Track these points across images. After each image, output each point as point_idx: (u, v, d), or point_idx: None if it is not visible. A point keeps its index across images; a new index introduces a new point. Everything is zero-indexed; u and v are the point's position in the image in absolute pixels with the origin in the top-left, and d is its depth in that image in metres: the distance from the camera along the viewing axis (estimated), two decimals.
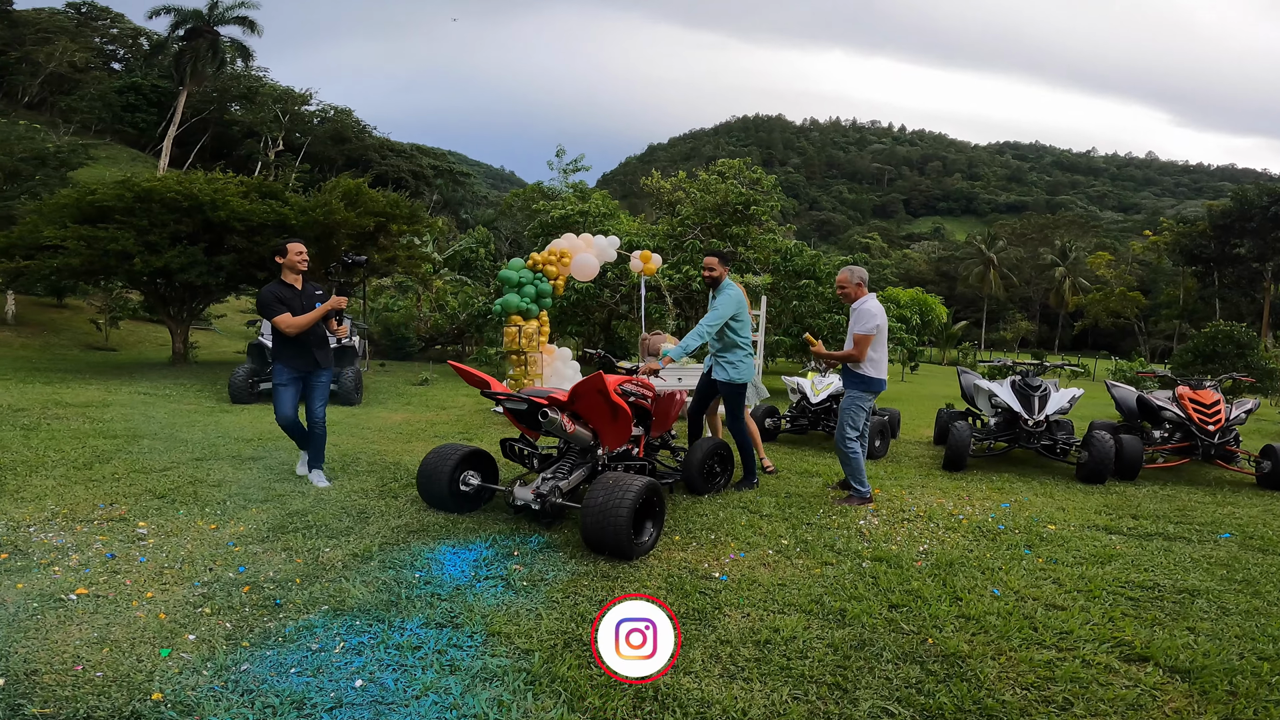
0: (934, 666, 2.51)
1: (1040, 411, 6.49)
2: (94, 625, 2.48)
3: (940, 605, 3.05)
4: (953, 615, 2.96)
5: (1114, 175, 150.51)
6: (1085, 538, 4.24)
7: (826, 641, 2.65)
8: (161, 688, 2.11)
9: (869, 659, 2.54)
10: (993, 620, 2.90)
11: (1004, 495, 5.42)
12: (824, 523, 4.31)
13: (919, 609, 3.00)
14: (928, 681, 2.40)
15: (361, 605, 2.74)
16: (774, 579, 3.26)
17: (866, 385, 4.84)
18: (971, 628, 2.84)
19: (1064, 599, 3.18)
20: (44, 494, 4.18)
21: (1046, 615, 2.98)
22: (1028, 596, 3.20)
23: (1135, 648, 2.68)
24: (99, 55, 44.67)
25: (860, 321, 4.74)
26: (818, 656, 2.53)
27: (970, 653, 2.61)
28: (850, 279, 4.90)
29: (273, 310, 4.46)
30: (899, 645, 2.66)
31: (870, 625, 2.81)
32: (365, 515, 4.01)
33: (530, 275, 8.97)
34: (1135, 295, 51.26)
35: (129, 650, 2.33)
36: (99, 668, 2.20)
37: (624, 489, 3.35)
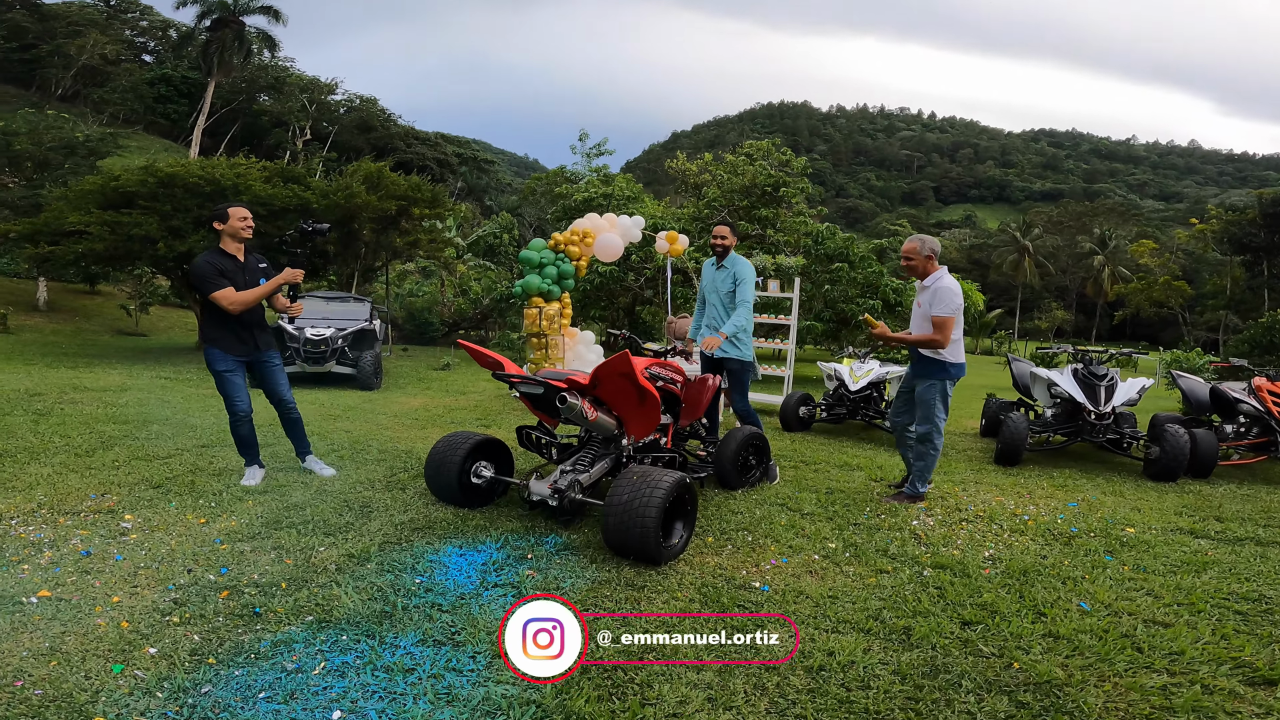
0: (1025, 697, 2.13)
1: (1107, 403, 5.94)
2: (48, 634, 2.18)
3: (1021, 622, 2.64)
4: (1038, 634, 2.56)
5: (1155, 164, 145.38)
6: (1171, 542, 3.79)
7: (891, 667, 2.25)
8: (105, 710, 1.79)
9: (945, 689, 2.15)
10: (1087, 640, 2.51)
11: (1069, 494, 4.92)
12: (873, 523, 3.88)
13: (997, 626, 2.59)
14: (1020, 716, 2.03)
15: (351, 616, 2.39)
16: (823, 590, 2.85)
17: (948, 371, 4.27)
18: (1063, 649, 2.45)
19: (1164, 614, 2.79)
20: (36, 483, 3.93)
21: (1149, 633, 2.60)
22: (1121, 611, 2.80)
23: (1259, 669, 2.32)
24: (129, 47, 45.28)
25: (941, 302, 4.13)
26: (883, 686, 2.13)
27: (1067, 679, 2.24)
28: (920, 249, 4.28)
29: (211, 285, 3.83)
30: (979, 671, 2.26)
31: (942, 647, 2.40)
32: (368, 509, 3.68)
33: (552, 256, 8.61)
34: (1180, 284, 49.28)
35: (79, 664, 2.01)
36: (40, 684, 1.89)
37: (653, 485, 2.95)
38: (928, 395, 4.29)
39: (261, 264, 4.10)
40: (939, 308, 4.11)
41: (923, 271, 4.28)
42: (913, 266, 4.32)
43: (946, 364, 4.25)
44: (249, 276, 3.99)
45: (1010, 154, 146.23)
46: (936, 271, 4.26)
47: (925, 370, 4.30)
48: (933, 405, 4.27)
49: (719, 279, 4.82)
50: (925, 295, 4.23)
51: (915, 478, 4.42)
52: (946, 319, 4.11)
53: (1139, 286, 51.71)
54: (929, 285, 4.22)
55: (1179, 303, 49.23)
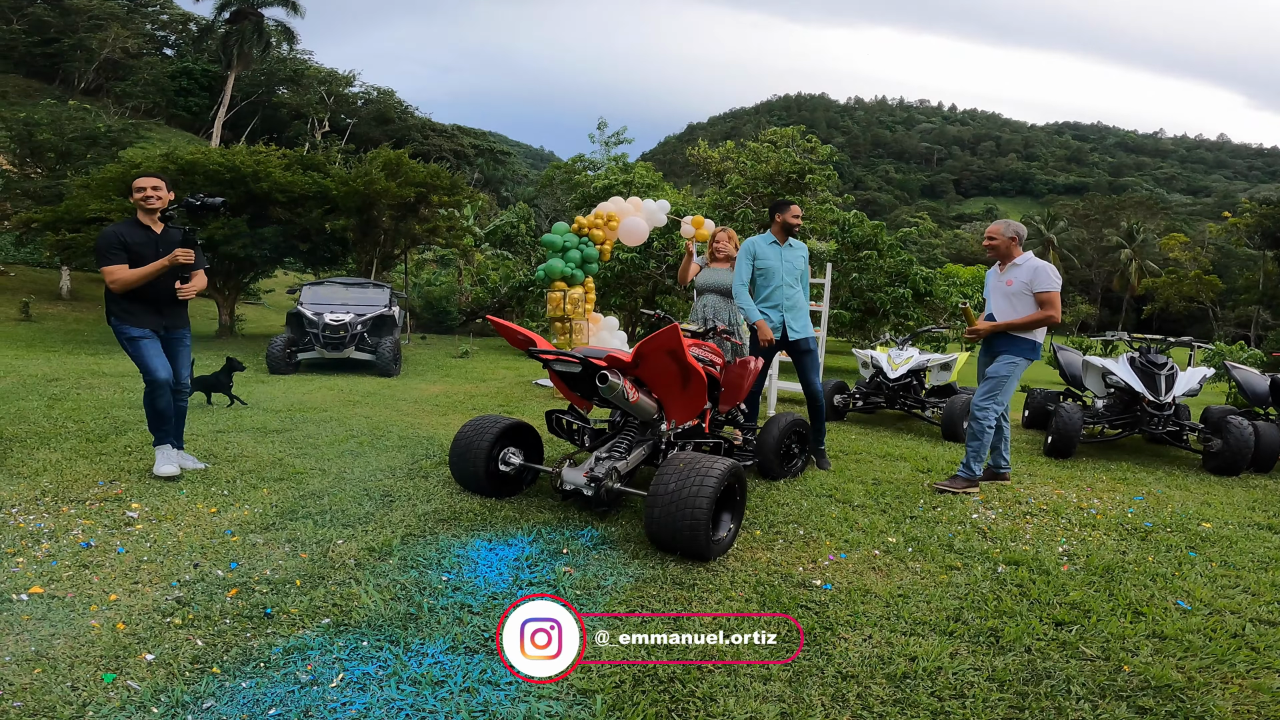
0: (1146, 702, 1.91)
1: (1168, 392, 5.58)
2: (35, 636, 1.95)
3: (1120, 622, 2.39)
4: (1142, 634, 2.32)
5: (1183, 157, 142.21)
6: (1254, 538, 3.53)
7: (985, 674, 1.98)
8: None
9: (1053, 696, 1.89)
10: (1196, 640, 2.29)
11: (1131, 487, 4.60)
12: (930, 516, 3.59)
13: (1094, 627, 2.34)
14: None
15: (372, 619, 2.13)
16: (890, 588, 2.56)
17: (1036, 350, 4.27)
18: (1174, 650, 2.23)
19: (1270, 612, 2.56)
20: (44, 469, 3.74)
21: (1259, 632, 2.38)
22: (1224, 610, 2.57)
23: None
24: (150, 41, 45.56)
25: (1045, 279, 4.10)
26: (980, 695, 1.86)
27: (1187, 682, 2.02)
28: (1004, 231, 4.30)
29: (103, 258, 3.57)
30: (1087, 676, 2.02)
31: (1039, 650, 2.14)
32: (390, 498, 3.44)
33: (575, 240, 8.35)
34: (1211, 279, 48.10)
35: (66, 673, 1.78)
36: (20, 694, 1.66)
37: (703, 473, 2.68)
38: (1007, 371, 4.18)
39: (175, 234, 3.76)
40: (1045, 284, 4.10)
41: (1007, 253, 4.28)
42: (995, 247, 4.32)
43: (1036, 343, 4.25)
44: (164, 249, 3.65)
45: (1033, 147, 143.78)
46: (1024, 253, 4.28)
47: (1014, 348, 4.21)
48: (1009, 382, 4.20)
49: (792, 258, 4.59)
50: (1017, 273, 4.20)
51: (971, 458, 4.19)
52: (1054, 293, 4.13)
53: (1168, 280, 50.53)
54: (1020, 264, 4.22)
55: (1209, 297, 48.09)
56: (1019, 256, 4.25)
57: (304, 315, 9.29)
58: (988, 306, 4.45)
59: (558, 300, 7.93)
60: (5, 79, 37.00)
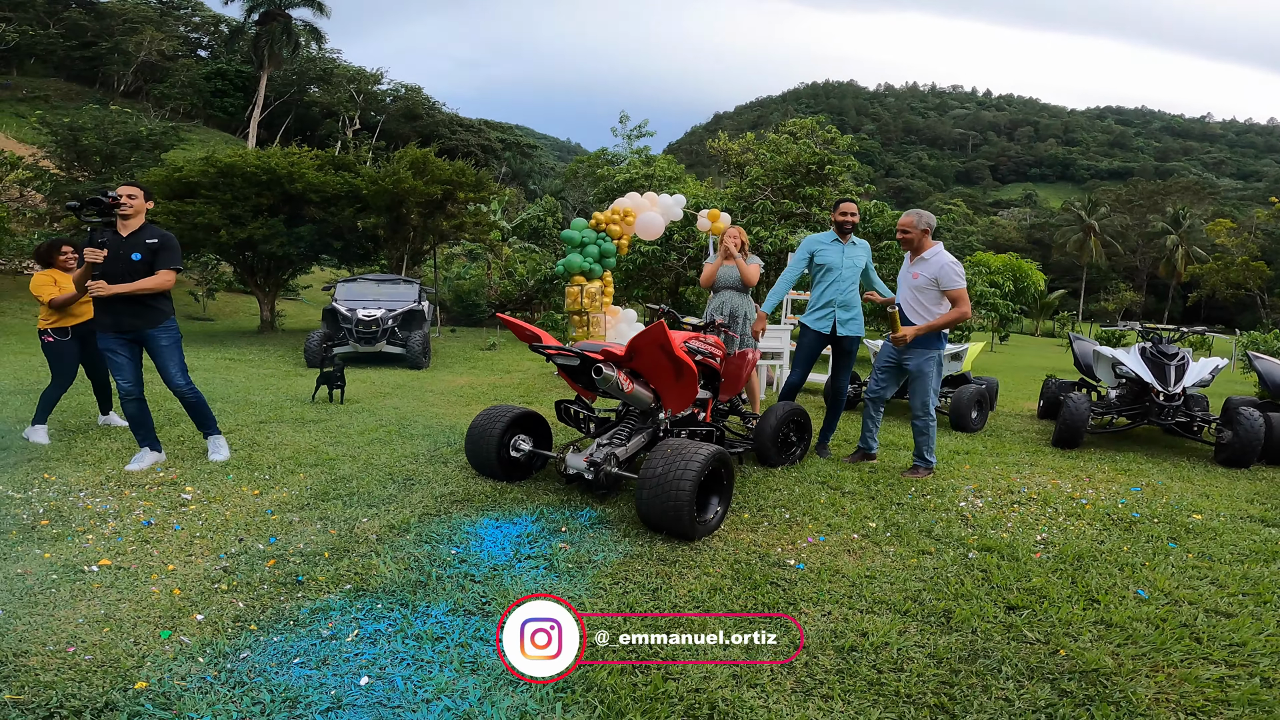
0: (1069, 685, 2.03)
1: (1177, 383, 5.60)
2: (104, 601, 2.29)
3: (1072, 608, 2.52)
4: (1089, 621, 2.45)
5: (1232, 141, 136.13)
6: (1240, 530, 3.59)
7: (928, 650, 2.17)
8: (149, 675, 1.87)
9: (983, 674, 2.06)
10: (1142, 628, 2.40)
11: (1132, 478, 4.68)
12: (917, 503, 3.76)
13: (1045, 612, 2.48)
14: (1062, 705, 1.93)
15: (387, 585, 2.44)
16: (860, 569, 2.77)
17: (943, 343, 4.44)
18: (1115, 637, 2.34)
19: (1229, 604, 2.65)
20: (106, 457, 4.15)
21: (1209, 623, 2.48)
22: (1182, 600, 2.66)
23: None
24: (185, 43, 47.04)
25: (950, 276, 4.16)
26: (917, 670, 2.06)
27: (1116, 668, 2.14)
28: (917, 223, 4.30)
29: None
30: (1022, 658, 2.17)
31: (984, 631, 2.31)
32: (411, 482, 3.76)
33: (593, 235, 8.60)
34: (1259, 265, 46.25)
35: (129, 630, 2.11)
36: (91, 650, 1.98)
37: (687, 458, 2.92)
38: (928, 368, 4.33)
39: (151, 240, 3.86)
40: (951, 281, 4.18)
41: (919, 245, 4.33)
42: (909, 240, 4.35)
43: (944, 336, 4.40)
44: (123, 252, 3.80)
45: (1074, 132, 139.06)
46: (934, 246, 4.30)
47: (931, 343, 4.33)
48: (932, 377, 4.35)
49: (854, 255, 4.70)
50: (924, 268, 4.27)
51: (924, 450, 4.42)
52: (962, 289, 4.20)
53: (1214, 267, 48.81)
54: (928, 259, 4.27)
55: (1257, 284, 46.30)
56: (928, 250, 4.28)
57: (339, 311, 9.73)
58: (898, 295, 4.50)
59: (576, 294, 8.20)
60: (47, 83, 38.56)
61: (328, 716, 1.73)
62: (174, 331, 4.06)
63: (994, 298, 13.38)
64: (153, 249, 3.87)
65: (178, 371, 4.03)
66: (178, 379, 4.03)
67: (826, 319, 4.64)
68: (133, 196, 3.87)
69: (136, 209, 3.88)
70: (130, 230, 3.86)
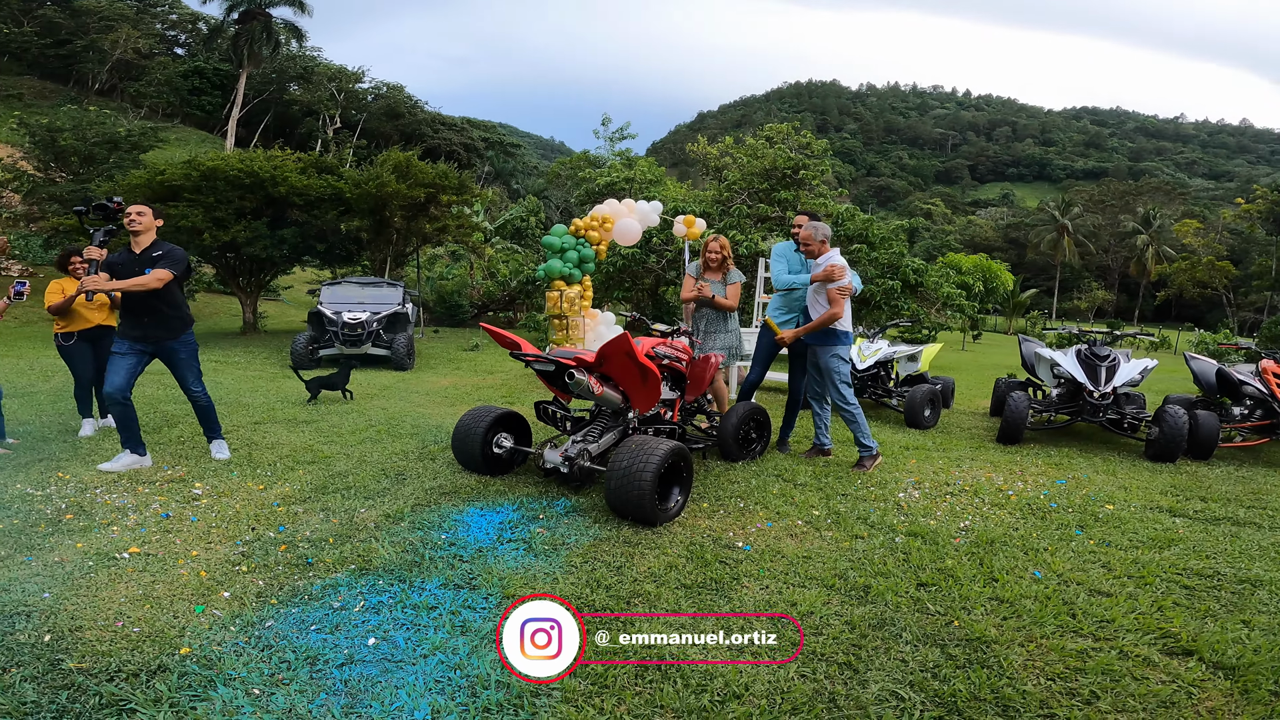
0: (955, 651, 2.38)
1: (1107, 383, 6.09)
2: (140, 583, 2.63)
3: (973, 586, 2.90)
4: (985, 597, 2.80)
5: (1204, 142, 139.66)
6: (1145, 520, 3.96)
7: (845, 619, 2.56)
8: (190, 643, 2.22)
9: (887, 639, 2.44)
10: (1028, 604, 2.74)
11: (1061, 471, 5.13)
12: (861, 494, 4.19)
13: (949, 589, 2.87)
14: (946, 666, 2.28)
15: (386, 565, 2.82)
16: (799, 551, 3.19)
17: (846, 338, 4.84)
18: (1003, 611, 2.69)
19: (1111, 585, 2.98)
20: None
21: (1088, 601, 2.80)
22: (1072, 580, 3.01)
23: (1181, 640, 2.50)
24: (162, 41, 46.45)
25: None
26: (832, 634, 2.45)
27: (997, 638, 2.47)
28: (815, 235, 4.75)
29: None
30: (921, 626, 2.54)
31: (894, 604, 2.70)
32: (402, 477, 4.12)
33: (573, 241, 8.96)
34: (1224, 265, 47.75)
35: (167, 607, 2.45)
36: (137, 623, 2.33)
37: (649, 453, 3.32)
38: (834, 364, 4.76)
39: (157, 254, 4.08)
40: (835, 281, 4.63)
41: (818, 252, 4.78)
42: (810, 250, 4.79)
43: (846, 332, 4.81)
44: (136, 268, 4.03)
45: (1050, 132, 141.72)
46: (829, 252, 4.77)
47: (827, 340, 4.76)
48: (839, 371, 4.77)
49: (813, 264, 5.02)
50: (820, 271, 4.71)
51: (860, 436, 4.86)
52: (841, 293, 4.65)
53: (1182, 266, 50.22)
54: (822, 264, 4.71)
55: (1223, 283, 47.74)
56: (825, 255, 4.74)
57: (324, 314, 10.00)
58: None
59: (555, 299, 8.56)
60: (20, 81, 37.91)
61: (343, 670, 2.10)
62: (192, 343, 4.39)
63: (959, 299, 13.94)
64: (157, 260, 4.08)
65: (195, 380, 4.38)
66: (194, 386, 4.37)
67: (788, 324, 5.07)
68: (142, 214, 4.12)
69: (146, 226, 4.14)
70: (143, 247, 4.13)
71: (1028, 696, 2.12)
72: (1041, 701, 2.10)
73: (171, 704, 1.92)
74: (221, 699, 1.94)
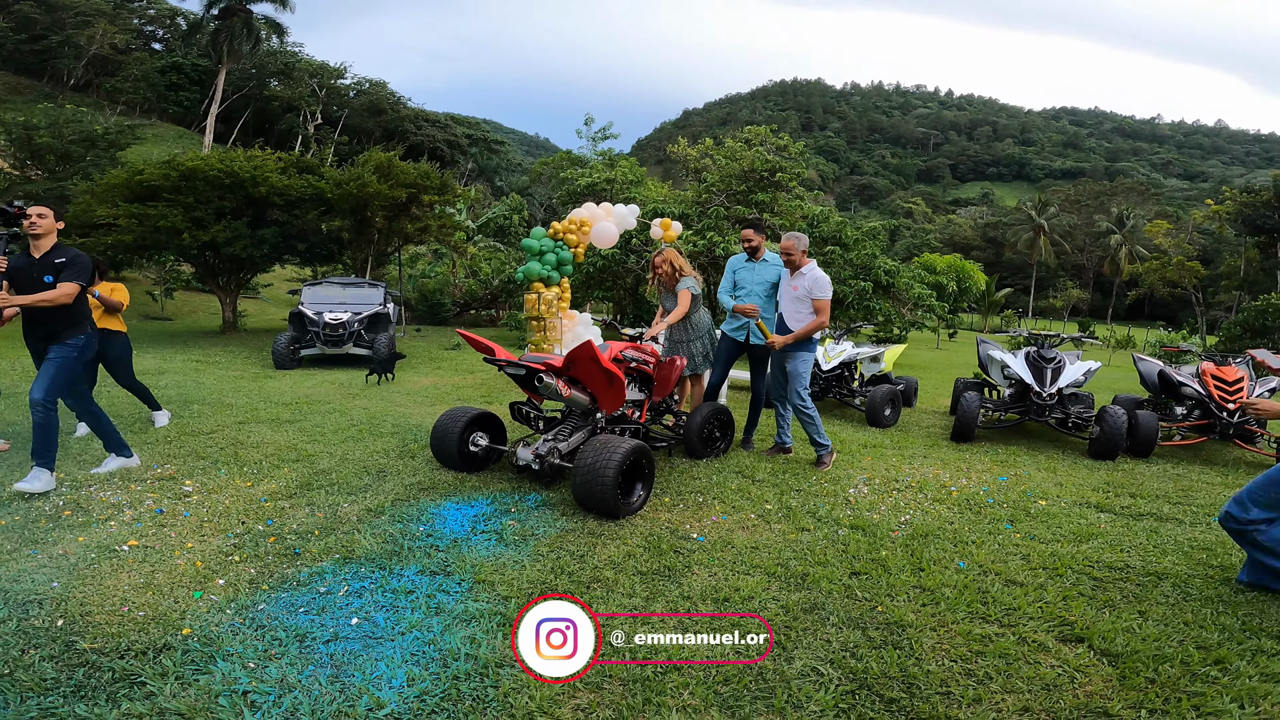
0: (874, 633, 2.59)
1: (1052, 384, 6.47)
2: (141, 572, 2.87)
3: (901, 575, 3.10)
4: (910, 586, 3.00)
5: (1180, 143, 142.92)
6: (1072, 515, 4.20)
7: (781, 602, 2.82)
8: (191, 624, 2.47)
9: (815, 622, 2.66)
10: (947, 593, 2.95)
11: (1005, 468, 5.41)
12: (814, 490, 4.49)
13: (879, 577, 3.08)
14: (864, 646, 2.49)
15: (368, 554, 3.08)
16: (749, 542, 3.48)
17: (812, 347, 5.19)
18: (924, 599, 2.90)
19: (1026, 576, 3.19)
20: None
21: (1001, 591, 3.01)
22: (991, 571, 3.22)
23: (1075, 628, 2.70)
24: (139, 36, 45.83)
25: (822, 287, 4.97)
26: (769, 615, 2.71)
27: (914, 623, 2.68)
28: (797, 246, 5.04)
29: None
30: (848, 611, 2.76)
31: (827, 590, 2.95)
32: (383, 474, 4.37)
33: (551, 244, 9.20)
34: (1194, 265, 49.06)
35: (168, 593, 2.70)
36: (142, 608, 2.57)
37: (612, 451, 3.60)
38: (802, 368, 5.09)
39: (59, 260, 3.89)
40: (821, 292, 4.96)
41: (800, 263, 5.08)
42: (792, 260, 5.09)
43: (814, 340, 5.16)
44: (35, 273, 3.87)
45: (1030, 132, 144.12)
46: (809, 264, 5.10)
47: (801, 347, 5.10)
48: (805, 375, 5.11)
49: (763, 273, 5.38)
50: (802, 281, 5.03)
51: (814, 435, 5.18)
52: (827, 301, 4.99)
53: (1153, 266, 51.48)
54: (805, 273, 5.04)
55: (1192, 283, 49.03)
56: (805, 266, 5.04)
57: (305, 315, 10.15)
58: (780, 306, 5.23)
59: (533, 301, 8.80)
60: None
61: (328, 646, 2.36)
62: (70, 351, 3.95)
63: (930, 299, 14.37)
64: (60, 268, 3.87)
65: (44, 387, 3.82)
66: (36, 393, 3.79)
67: (741, 330, 5.39)
68: (43, 216, 3.92)
69: (47, 229, 3.92)
70: (42, 251, 3.91)
71: (930, 675, 2.33)
72: (942, 680, 2.32)
73: (177, 677, 2.17)
74: (221, 672, 2.19)
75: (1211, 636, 2.68)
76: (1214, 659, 2.51)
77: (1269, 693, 2.30)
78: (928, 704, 2.18)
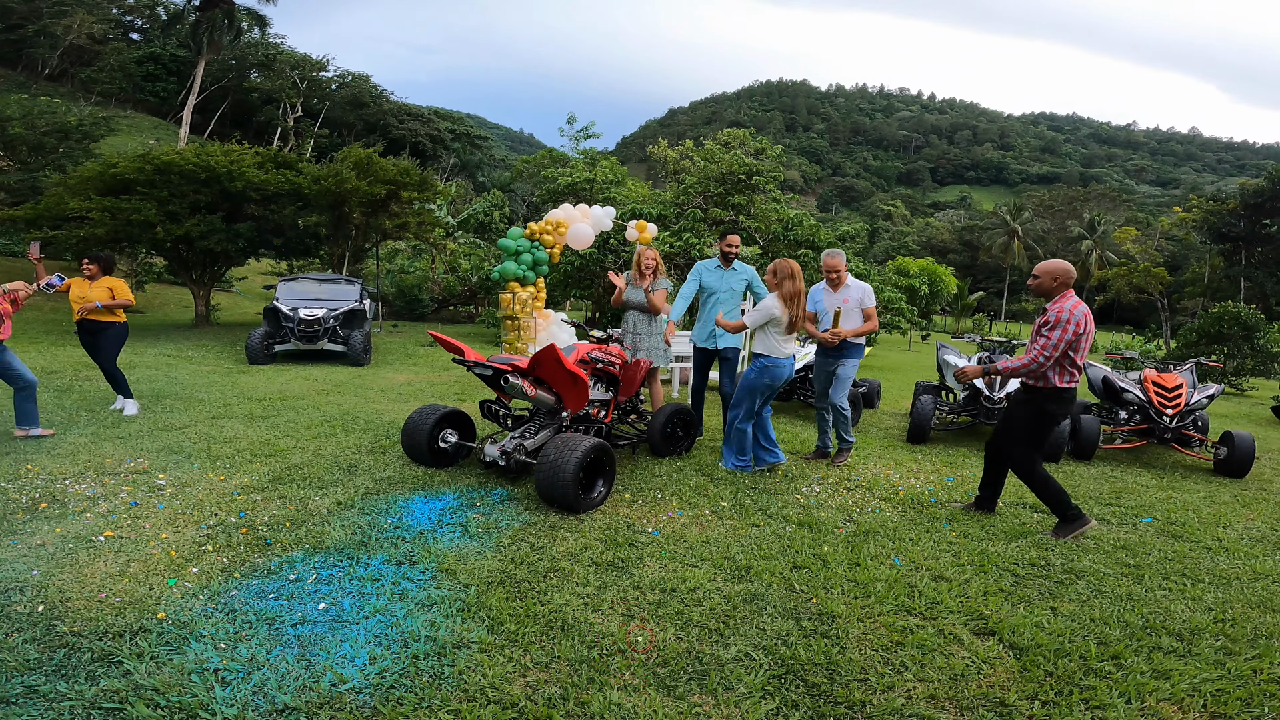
0: (806, 623, 2.76)
1: (1001, 389, 6.79)
2: (117, 561, 3.01)
3: (839, 570, 3.28)
4: (845, 579, 3.17)
5: (1154, 150, 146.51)
6: (1006, 515, 4.37)
7: (724, 593, 3.01)
8: (165, 609, 2.62)
9: (753, 612, 2.83)
10: (878, 587, 3.12)
11: (953, 469, 5.64)
12: (768, 488, 4.71)
13: (818, 571, 3.26)
14: (795, 635, 2.65)
15: (337, 545, 3.25)
16: (700, 536, 3.70)
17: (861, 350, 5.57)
18: (856, 592, 3.07)
19: (954, 572, 3.35)
20: (77, 450, 4.74)
21: (929, 585, 3.17)
22: (923, 567, 3.39)
23: (989, 622, 2.84)
24: (116, 26, 44.85)
25: (870, 297, 5.46)
26: (711, 605, 2.90)
27: (844, 614, 2.85)
28: (841, 263, 5.45)
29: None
30: (785, 602, 2.93)
31: (768, 582, 3.14)
32: (354, 469, 4.53)
33: (527, 244, 9.37)
34: (1159, 271, 50.41)
35: (143, 581, 2.85)
36: (118, 594, 2.72)
37: (573, 448, 3.80)
38: (852, 371, 5.45)
39: None
40: (871, 300, 5.47)
41: (842, 280, 5.48)
42: (839, 277, 5.47)
43: (862, 344, 5.57)
44: None
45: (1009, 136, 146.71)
46: (849, 277, 5.54)
47: (853, 352, 5.48)
48: (852, 378, 5.48)
49: (732, 280, 5.69)
50: (850, 293, 5.45)
51: (844, 433, 5.57)
52: (874, 309, 5.49)
53: (1120, 272, 52.81)
54: (850, 286, 5.49)
55: (1158, 289, 50.39)
56: (849, 279, 5.49)
57: (280, 310, 10.17)
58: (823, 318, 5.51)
59: (508, 300, 8.97)
60: None
61: (296, 628, 2.53)
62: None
63: (900, 303, 14.75)
64: None
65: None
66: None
67: (711, 340, 5.62)
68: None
69: None
70: None
71: (852, 663, 2.49)
72: (862, 668, 2.47)
73: (152, 656, 2.33)
74: (194, 652, 2.36)
75: (1114, 633, 2.83)
76: (1110, 654, 2.66)
77: (1157, 689, 2.47)
78: (846, 689, 2.37)
